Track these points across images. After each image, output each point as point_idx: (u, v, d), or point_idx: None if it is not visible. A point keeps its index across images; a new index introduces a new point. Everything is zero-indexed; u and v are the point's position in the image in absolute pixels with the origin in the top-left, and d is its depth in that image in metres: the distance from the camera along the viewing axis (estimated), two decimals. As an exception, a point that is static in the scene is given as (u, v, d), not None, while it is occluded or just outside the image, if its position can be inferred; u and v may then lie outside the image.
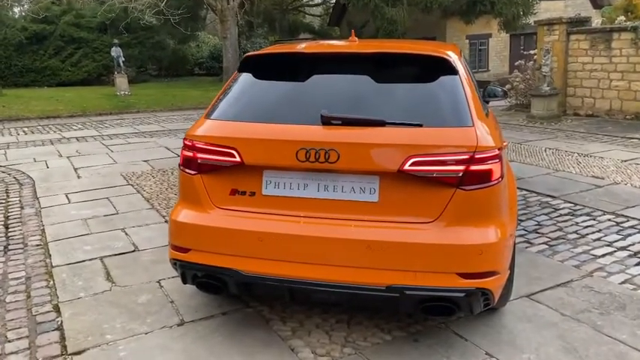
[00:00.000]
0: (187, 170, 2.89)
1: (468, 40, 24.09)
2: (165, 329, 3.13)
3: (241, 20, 22.63)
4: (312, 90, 2.93)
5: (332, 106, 2.73)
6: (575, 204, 5.41)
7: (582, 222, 4.89)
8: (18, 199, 6.12)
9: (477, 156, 2.54)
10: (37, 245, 4.57)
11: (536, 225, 4.84)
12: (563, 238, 4.49)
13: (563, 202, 5.51)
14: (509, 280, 3.03)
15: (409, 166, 2.53)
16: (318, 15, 34.68)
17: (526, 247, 4.30)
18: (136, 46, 26.66)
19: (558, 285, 3.61)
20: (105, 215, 5.35)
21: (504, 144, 3.79)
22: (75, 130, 11.98)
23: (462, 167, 2.53)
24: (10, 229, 5.02)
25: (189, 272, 2.85)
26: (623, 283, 3.65)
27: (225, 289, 2.84)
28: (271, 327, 3.11)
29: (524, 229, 4.72)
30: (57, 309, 3.40)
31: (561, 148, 8.30)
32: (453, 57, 2.99)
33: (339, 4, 25.16)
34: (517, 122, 11.35)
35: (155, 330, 3.12)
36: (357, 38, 3.35)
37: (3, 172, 7.50)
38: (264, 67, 3.12)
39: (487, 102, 5.15)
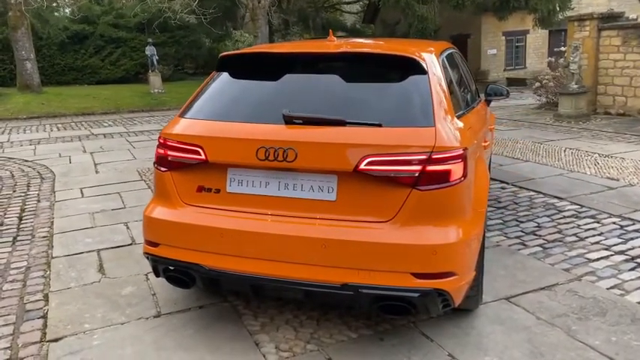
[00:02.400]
0: (160, 167, 2.98)
1: (504, 37, 23.57)
2: (142, 320, 3.24)
3: (274, 19, 22.82)
4: (282, 89, 2.97)
5: (299, 105, 2.76)
6: (582, 206, 5.25)
7: (584, 224, 4.75)
8: (37, 192, 6.40)
9: (434, 156, 2.53)
10: (44, 237, 4.78)
11: (535, 227, 4.73)
12: (560, 241, 4.37)
13: (569, 203, 5.35)
14: (477, 282, 3.00)
15: (365, 165, 2.54)
16: (355, 12, 34.51)
17: (519, 250, 4.21)
18: (172, 45, 27.21)
19: (542, 288, 3.53)
20: (112, 209, 5.54)
21: (485, 143, 3.74)
22: (104, 126, 12.40)
23: (418, 167, 2.52)
24: (22, 221, 5.27)
25: (160, 266, 2.95)
26: (611, 288, 3.54)
27: (193, 284, 2.92)
28: (243, 321, 3.18)
29: (522, 231, 4.63)
30: (46, 298, 3.57)
31: (582, 149, 8.05)
32: (426, 57, 2.96)
33: (372, 2, 25.04)
34: (544, 121, 11.06)
35: (132, 321, 3.24)
36: (335, 38, 3.36)
37: (28, 167, 7.85)
38: (239, 67, 3.18)
39: (489, 101, 5.08)
